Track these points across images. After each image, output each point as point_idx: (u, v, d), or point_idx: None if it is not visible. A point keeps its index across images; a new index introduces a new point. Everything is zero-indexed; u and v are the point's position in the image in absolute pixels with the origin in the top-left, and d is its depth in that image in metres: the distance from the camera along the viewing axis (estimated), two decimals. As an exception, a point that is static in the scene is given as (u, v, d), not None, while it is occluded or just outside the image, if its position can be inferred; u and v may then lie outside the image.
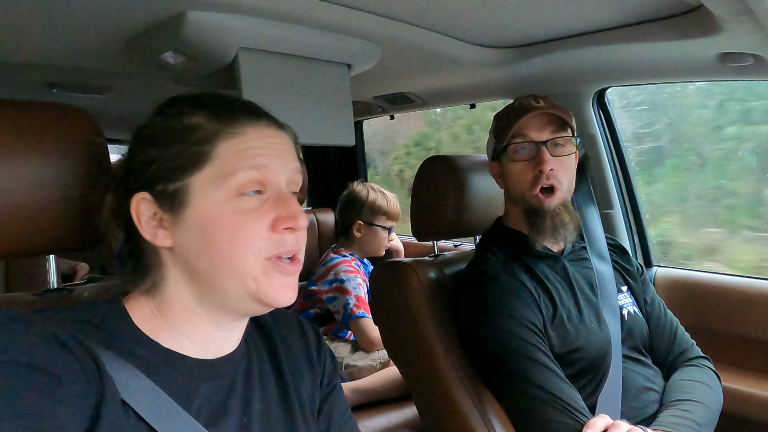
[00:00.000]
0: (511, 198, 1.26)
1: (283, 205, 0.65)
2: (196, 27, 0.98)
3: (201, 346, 0.67)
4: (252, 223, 0.63)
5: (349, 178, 2.28)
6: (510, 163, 1.21)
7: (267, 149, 0.65)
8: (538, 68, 1.45)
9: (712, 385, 1.18)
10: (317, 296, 1.99)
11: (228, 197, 0.63)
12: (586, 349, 1.13)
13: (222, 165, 0.63)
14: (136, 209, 0.64)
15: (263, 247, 0.63)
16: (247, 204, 0.63)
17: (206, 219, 0.63)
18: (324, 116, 1.21)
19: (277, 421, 0.72)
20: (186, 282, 0.66)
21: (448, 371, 1.18)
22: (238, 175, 0.63)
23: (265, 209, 0.64)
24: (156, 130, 0.66)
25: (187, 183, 0.63)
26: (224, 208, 0.62)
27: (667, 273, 1.74)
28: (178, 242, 0.64)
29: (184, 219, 0.63)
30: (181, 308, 0.66)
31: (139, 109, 1.98)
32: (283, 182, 0.66)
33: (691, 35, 1.12)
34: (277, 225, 0.64)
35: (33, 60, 1.26)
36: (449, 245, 2.29)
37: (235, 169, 0.63)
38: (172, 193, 0.63)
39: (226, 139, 0.64)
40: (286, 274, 0.65)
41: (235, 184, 0.63)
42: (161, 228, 0.64)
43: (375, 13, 1.10)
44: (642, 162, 2.18)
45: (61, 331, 0.56)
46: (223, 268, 0.63)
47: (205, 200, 0.63)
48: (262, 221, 0.63)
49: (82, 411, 0.53)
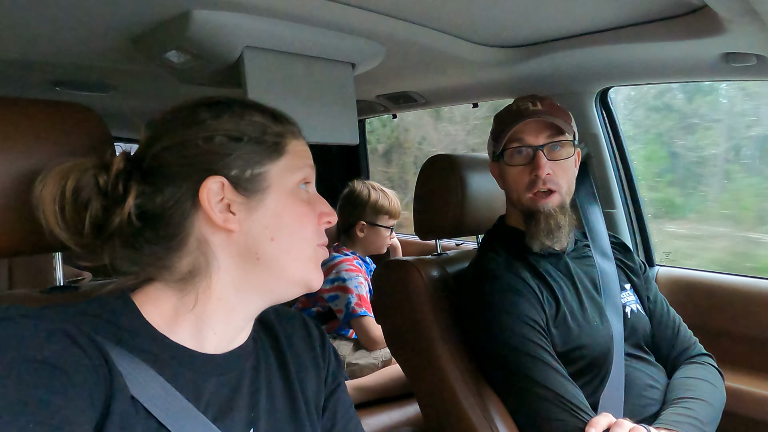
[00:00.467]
0: (510, 200, 1.28)
1: (322, 203, 0.74)
2: (201, 26, 0.98)
3: (221, 336, 0.68)
4: (311, 214, 0.71)
5: (352, 177, 2.28)
6: (507, 167, 1.22)
7: (309, 155, 0.74)
8: (542, 68, 1.46)
9: (715, 383, 1.18)
10: (319, 295, 1.99)
11: (295, 186, 0.70)
12: (589, 346, 1.13)
13: (292, 159, 0.70)
14: (208, 193, 0.64)
15: (314, 234, 0.71)
16: (305, 196, 0.72)
17: (282, 204, 0.68)
18: (328, 115, 1.21)
19: (282, 417, 0.72)
20: (234, 268, 0.67)
21: (451, 369, 1.18)
22: (303, 170, 0.71)
23: (312, 203, 0.72)
24: (220, 121, 0.67)
25: (267, 169, 0.68)
26: (295, 197, 0.70)
27: (669, 272, 1.74)
28: (246, 226, 0.66)
29: (261, 204, 0.67)
30: (216, 297, 0.67)
31: (143, 108, 2.01)
32: (313, 183, 0.75)
33: (694, 35, 1.12)
34: (321, 219, 0.72)
35: (37, 58, 1.27)
36: (451, 244, 2.29)
37: (301, 164, 0.71)
38: (251, 178, 0.67)
39: (293, 137, 0.72)
40: (325, 257, 0.75)
41: (299, 178, 0.70)
42: (229, 212, 0.66)
43: (379, 12, 1.10)
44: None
45: (70, 326, 0.57)
46: (290, 250, 0.69)
47: (282, 186, 0.69)
48: (314, 213, 0.72)
49: (92, 406, 0.54)
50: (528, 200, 1.19)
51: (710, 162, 2.33)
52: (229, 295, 0.68)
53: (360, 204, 2.09)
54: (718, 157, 2.29)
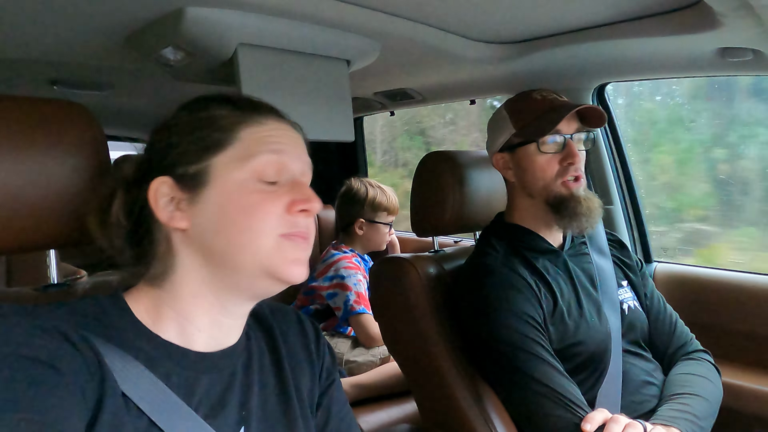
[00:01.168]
0: (527, 190, 1.23)
1: (298, 189, 0.68)
2: (195, 23, 0.98)
3: (208, 333, 0.68)
4: (269, 202, 0.66)
5: (350, 175, 2.28)
6: (536, 155, 1.19)
7: (284, 139, 0.70)
8: (538, 64, 1.45)
9: (711, 379, 1.18)
10: (317, 292, 1.99)
11: (249, 176, 0.66)
12: (586, 343, 1.13)
13: (244, 148, 0.67)
14: (155, 192, 0.66)
15: (278, 224, 0.66)
16: (265, 185, 0.67)
17: (226, 197, 0.66)
18: (324, 112, 1.21)
19: (275, 414, 0.72)
20: (198, 265, 0.67)
21: (448, 366, 1.18)
22: (259, 158, 0.67)
23: (282, 192, 0.67)
24: (179, 121, 0.69)
25: (208, 164, 0.66)
26: (245, 187, 0.66)
27: (667, 268, 1.74)
28: (194, 222, 0.66)
29: (203, 199, 0.66)
30: (191, 295, 0.67)
31: (138, 106, 2.01)
32: (298, 171, 0.70)
33: (690, 30, 1.12)
34: (292, 207, 0.67)
35: (34, 57, 1.26)
36: (449, 241, 2.29)
37: (256, 151, 0.67)
38: (193, 174, 0.66)
39: (249, 125, 0.69)
40: (299, 248, 0.68)
41: (256, 167, 0.66)
42: (178, 210, 0.66)
43: (374, 8, 1.10)
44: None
45: (63, 324, 0.57)
46: (239, 244, 0.65)
47: (225, 179, 0.66)
48: (279, 202, 0.67)
49: (83, 403, 0.54)
50: (559, 187, 1.18)
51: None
52: (204, 293, 0.68)
53: (358, 201, 2.09)
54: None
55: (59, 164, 0.75)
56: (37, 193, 0.73)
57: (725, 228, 2.10)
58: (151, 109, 1.86)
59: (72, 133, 0.76)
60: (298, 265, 0.67)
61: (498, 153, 1.26)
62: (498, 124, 1.27)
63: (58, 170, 0.74)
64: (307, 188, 0.70)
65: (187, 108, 0.71)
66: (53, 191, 0.74)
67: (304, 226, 0.68)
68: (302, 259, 0.68)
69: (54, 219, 0.75)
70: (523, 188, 1.24)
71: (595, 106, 1.19)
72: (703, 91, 2.15)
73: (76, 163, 0.76)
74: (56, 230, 0.76)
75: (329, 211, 2.53)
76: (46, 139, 0.74)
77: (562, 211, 1.18)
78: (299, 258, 0.67)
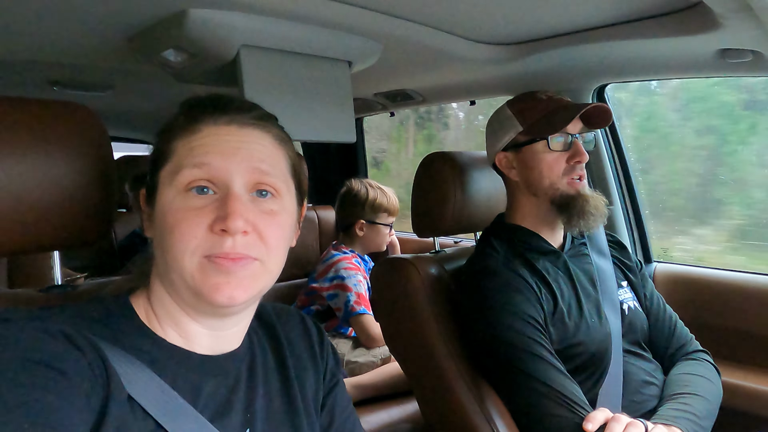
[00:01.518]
0: (532, 189, 1.23)
1: (223, 205, 0.61)
2: (198, 25, 0.98)
3: (198, 344, 0.67)
4: (191, 220, 0.61)
5: (350, 176, 2.28)
6: (543, 153, 1.20)
7: (219, 147, 0.64)
8: (539, 65, 1.46)
9: (711, 379, 1.19)
10: (318, 293, 1.99)
11: (177, 193, 0.63)
12: (586, 343, 1.14)
13: (175, 162, 0.64)
14: (143, 205, 0.69)
15: (199, 245, 0.61)
16: (192, 202, 0.62)
17: (160, 213, 0.64)
18: (325, 113, 1.21)
19: (280, 416, 0.72)
20: (162, 278, 0.67)
21: (449, 366, 1.18)
22: (183, 173, 0.62)
23: (209, 209, 0.62)
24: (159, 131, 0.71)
25: (156, 178, 0.66)
26: (172, 204, 0.63)
27: (667, 269, 1.74)
28: (151, 236, 0.67)
29: (153, 212, 0.66)
30: (162, 304, 0.67)
31: (140, 107, 2.00)
32: (237, 182, 0.63)
33: (690, 31, 1.12)
34: (214, 225, 0.61)
35: (34, 57, 1.27)
36: (449, 241, 2.30)
37: (181, 166, 0.63)
38: (150, 188, 0.67)
39: (182, 136, 0.65)
40: (223, 272, 0.61)
41: (182, 181, 0.62)
42: (147, 221, 0.68)
43: (376, 10, 1.10)
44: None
45: (67, 327, 0.57)
46: (168, 262, 0.63)
47: (163, 195, 0.64)
48: (202, 220, 0.61)
49: (88, 406, 0.54)
50: (566, 186, 1.20)
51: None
52: (171, 302, 0.67)
53: (358, 203, 2.09)
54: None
55: (64, 165, 0.75)
56: (41, 195, 0.73)
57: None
58: (152, 110, 1.86)
59: (76, 134, 0.77)
60: (223, 290, 0.61)
61: (502, 152, 1.26)
62: (502, 123, 1.27)
63: (62, 171, 0.75)
64: (234, 203, 0.61)
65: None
66: (58, 192, 0.75)
67: (229, 247, 0.61)
68: (231, 282, 0.61)
69: (58, 220, 0.75)
70: (528, 187, 1.24)
71: (603, 105, 1.20)
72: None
73: (80, 164, 0.76)
74: (61, 231, 0.76)
75: (329, 211, 2.53)
76: (50, 141, 0.74)
77: (569, 210, 1.19)
78: (224, 282, 0.61)
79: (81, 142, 0.77)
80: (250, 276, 0.63)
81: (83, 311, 0.63)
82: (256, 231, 0.63)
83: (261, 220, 0.63)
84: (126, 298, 0.67)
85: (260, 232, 0.63)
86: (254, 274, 0.64)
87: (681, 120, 2.23)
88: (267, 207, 0.65)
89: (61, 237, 0.77)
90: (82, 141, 0.77)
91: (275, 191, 0.67)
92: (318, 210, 2.56)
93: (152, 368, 0.62)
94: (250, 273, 0.63)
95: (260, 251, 0.64)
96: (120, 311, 0.65)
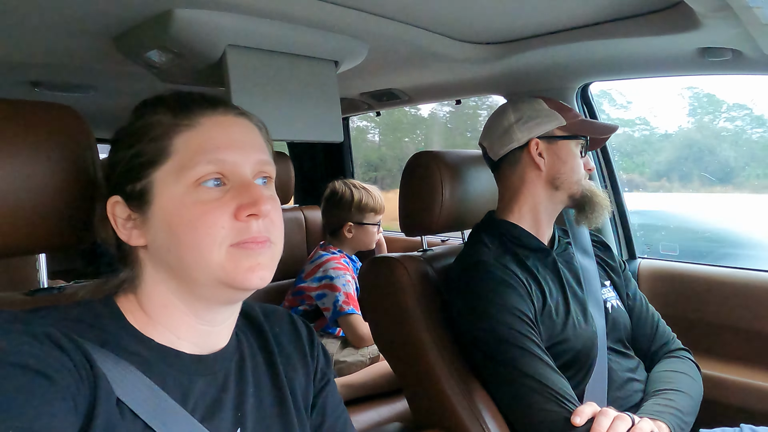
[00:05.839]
0: (557, 181, 1.25)
1: (244, 193, 0.63)
2: (183, 24, 0.98)
3: (189, 341, 0.67)
4: (213, 212, 0.62)
5: (336, 176, 2.28)
6: (576, 151, 1.27)
7: (224, 140, 0.65)
8: (523, 64, 1.47)
9: (693, 376, 1.22)
10: (306, 293, 1.99)
11: (187, 189, 0.63)
12: (572, 341, 1.15)
13: (180, 159, 0.63)
14: (112, 213, 0.66)
15: (226, 235, 0.62)
16: (207, 195, 0.63)
17: (169, 213, 0.63)
18: (312, 113, 1.21)
19: (270, 415, 0.72)
20: (163, 278, 0.66)
21: (438, 364, 1.19)
22: (196, 170, 0.63)
23: (227, 199, 0.63)
24: (123, 133, 0.68)
25: (150, 180, 0.64)
26: (185, 201, 0.63)
27: (651, 264, 1.77)
28: (149, 240, 0.65)
29: (151, 216, 0.64)
30: (162, 305, 0.66)
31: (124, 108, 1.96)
32: (246, 172, 0.66)
33: (671, 30, 1.14)
34: (239, 213, 0.63)
35: (15, 58, 1.25)
36: (436, 240, 2.30)
37: (193, 163, 0.63)
38: (139, 192, 0.64)
39: (183, 132, 0.65)
40: (254, 255, 0.64)
41: (193, 177, 0.63)
42: (135, 228, 0.65)
43: (362, 9, 1.10)
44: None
45: (53, 330, 0.56)
46: (189, 260, 0.63)
47: (167, 195, 0.63)
48: (224, 210, 0.63)
49: (75, 410, 0.53)
50: (586, 184, 1.27)
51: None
52: (175, 302, 0.67)
53: (344, 206, 2.08)
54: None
55: (48, 167, 0.74)
56: (26, 197, 0.72)
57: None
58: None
59: (61, 136, 0.76)
60: (256, 271, 0.64)
61: (536, 139, 1.26)
62: (540, 113, 1.27)
63: (47, 173, 0.74)
64: (255, 190, 0.64)
65: (133, 114, 0.69)
66: (42, 194, 0.73)
67: (257, 230, 0.64)
68: (261, 263, 0.64)
69: (43, 222, 0.74)
70: (553, 178, 1.25)
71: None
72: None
73: (65, 166, 0.75)
74: (46, 234, 0.75)
75: (316, 211, 2.53)
76: (34, 142, 0.73)
77: (585, 206, 1.25)
78: (256, 264, 0.64)
79: (66, 144, 0.76)
80: (270, 257, 0.66)
81: (70, 314, 0.62)
82: (269, 215, 0.65)
83: (270, 204, 0.66)
84: (112, 299, 0.66)
85: (271, 217, 0.66)
86: (273, 255, 0.67)
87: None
88: (268, 193, 0.67)
89: (46, 240, 0.76)
90: (67, 142, 0.76)
91: (270, 178, 0.70)
92: (305, 210, 2.55)
93: (141, 369, 0.61)
94: (270, 254, 0.66)
95: (274, 234, 0.67)
96: (106, 313, 0.64)
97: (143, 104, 0.69)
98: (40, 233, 0.75)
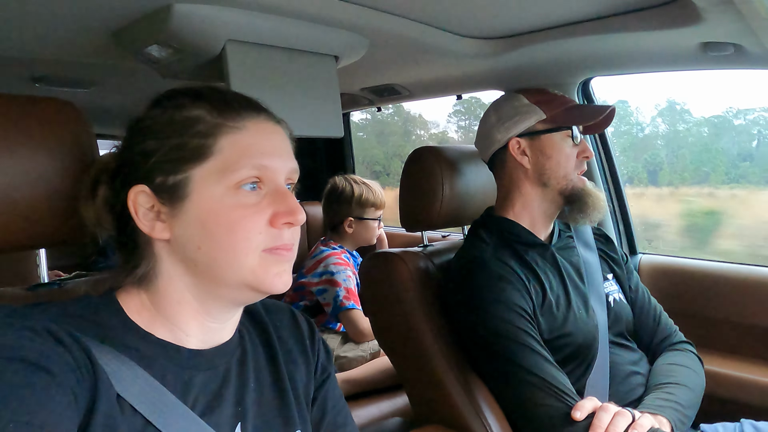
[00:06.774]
0: (544, 178, 1.23)
1: (281, 201, 0.65)
2: (183, 19, 0.97)
3: (196, 337, 0.68)
4: (251, 218, 0.64)
5: (337, 171, 2.28)
6: (562, 143, 1.22)
7: (268, 146, 0.66)
8: (525, 59, 1.46)
9: (695, 369, 1.22)
10: (307, 288, 1.99)
11: (228, 191, 0.63)
12: (573, 334, 1.15)
13: (224, 160, 0.64)
14: (134, 201, 0.64)
15: (261, 240, 0.64)
16: (247, 199, 0.64)
17: (206, 212, 0.63)
18: (312, 108, 1.21)
19: (271, 409, 0.72)
20: (181, 274, 0.66)
21: (438, 359, 1.19)
22: (240, 173, 0.63)
23: (264, 204, 0.65)
24: (154, 122, 0.66)
25: (188, 176, 0.64)
26: (224, 202, 0.63)
27: (652, 260, 1.77)
28: (176, 234, 0.64)
29: (183, 211, 0.64)
30: (175, 301, 0.66)
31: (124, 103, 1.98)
32: (281, 179, 0.67)
33: (673, 25, 1.13)
34: (276, 220, 0.65)
35: (15, 54, 1.24)
36: (437, 236, 2.30)
37: (237, 166, 0.63)
38: (173, 186, 0.64)
39: (228, 133, 0.65)
40: (283, 261, 0.66)
41: (235, 179, 0.63)
42: (159, 221, 0.64)
43: (362, 4, 1.10)
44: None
45: (53, 325, 0.56)
46: (221, 260, 0.64)
47: (205, 193, 0.63)
48: (262, 216, 0.64)
49: (75, 405, 0.53)
50: (577, 179, 1.23)
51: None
52: (189, 299, 0.67)
53: (345, 201, 2.08)
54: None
55: (48, 162, 0.74)
56: (26, 192, 0.72)
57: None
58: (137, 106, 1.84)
59: (61, 131, 0.76)
60: (283, 277, 0.66)
61: (516, 138, 1.25)
62: (519, 110, 1.26)
63: (47, 169, 0.74)
64: (291, 199, 0.66)
65: (160, 105, 0.68)
66: (42, 190, 0.74)
67: (289, 238, 0.66)
68: (287, 270, 0.67)
69: (44, 218, 0.75)
70: (540, 175, 1.24)
71: (613, 112, 1.26)
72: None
73: (65, 162, 0.75)
74: (46, 229, 0.76)
75: (317, 207, 2.52)
76: (35, 137, 0.73)
77: (575, 203, 1.22)
78: (283, 270, 0.66)
79: (66, 139, 0.76)
80: (292, 263, 0.68)
81: (70, 309, 0.62)
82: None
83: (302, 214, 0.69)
84: (113, 294, 0.66)
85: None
86: (293, 259, 0.69)
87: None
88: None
89: (46, 235, 0.77)
90: (67, 138, 0.76)
91: (294, 185, 0.72)
92: (305, 206, 2.54)
93: (140, 364, 0.61)
94: (293, 260, 0.69)
95: (297, 241, 0.69)
96: (107, 308, 0.64)
97: (177, 95, 0.68)
98: (39, 229, 0.75)
